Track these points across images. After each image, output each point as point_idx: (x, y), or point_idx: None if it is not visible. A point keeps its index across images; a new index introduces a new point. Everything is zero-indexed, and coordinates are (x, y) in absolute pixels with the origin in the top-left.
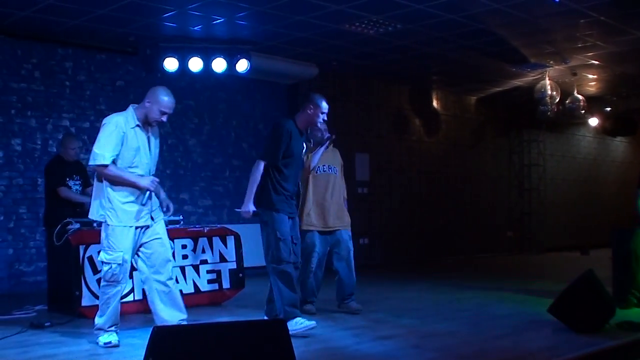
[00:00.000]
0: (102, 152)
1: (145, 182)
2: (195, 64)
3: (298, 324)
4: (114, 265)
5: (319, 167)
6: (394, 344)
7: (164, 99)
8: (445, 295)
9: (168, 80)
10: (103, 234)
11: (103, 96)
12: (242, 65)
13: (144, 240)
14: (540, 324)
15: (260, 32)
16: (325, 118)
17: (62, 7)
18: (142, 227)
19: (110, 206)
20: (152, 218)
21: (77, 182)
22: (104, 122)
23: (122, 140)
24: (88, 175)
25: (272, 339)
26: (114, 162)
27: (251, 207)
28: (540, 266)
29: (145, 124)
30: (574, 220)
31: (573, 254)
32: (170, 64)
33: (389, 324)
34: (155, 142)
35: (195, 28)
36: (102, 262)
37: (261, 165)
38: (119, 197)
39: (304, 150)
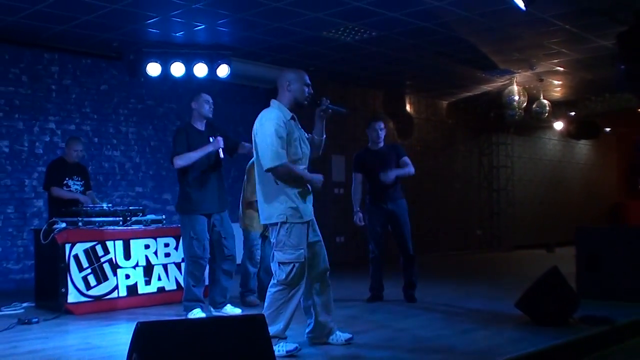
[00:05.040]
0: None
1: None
2: (178, 69)
3: None
4: (297, 265)
5: None
6: (367, 339)
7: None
8: (418, 292)
9: (151, 84)
10: (280, 234)
11: (88, 99)
12: (223, 71)
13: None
14: (508, 318)
15: (240, 38)
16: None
17: (49, 13)
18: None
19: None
20: None
21: (78, 182)
22: None
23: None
24: (89, 178)
25: (252, 333)
26: None
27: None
28: (508, 263)
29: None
30: (540, 220)
31: (539, 251)
32: (153, 69)
33: (362, 319)
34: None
35: (178, 34)
36: (280, 264)
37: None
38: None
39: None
